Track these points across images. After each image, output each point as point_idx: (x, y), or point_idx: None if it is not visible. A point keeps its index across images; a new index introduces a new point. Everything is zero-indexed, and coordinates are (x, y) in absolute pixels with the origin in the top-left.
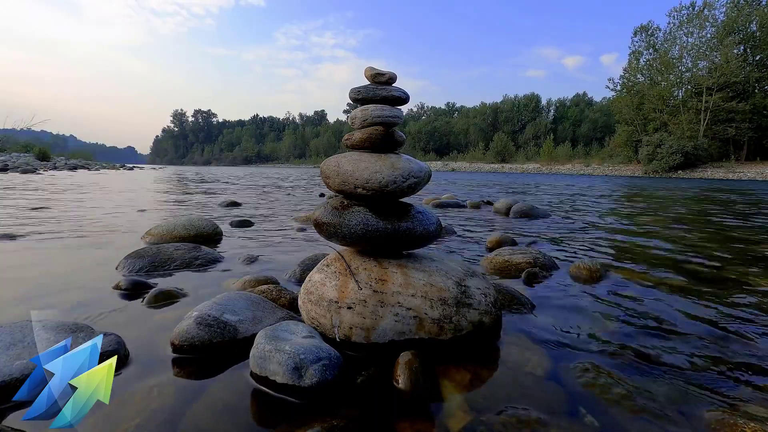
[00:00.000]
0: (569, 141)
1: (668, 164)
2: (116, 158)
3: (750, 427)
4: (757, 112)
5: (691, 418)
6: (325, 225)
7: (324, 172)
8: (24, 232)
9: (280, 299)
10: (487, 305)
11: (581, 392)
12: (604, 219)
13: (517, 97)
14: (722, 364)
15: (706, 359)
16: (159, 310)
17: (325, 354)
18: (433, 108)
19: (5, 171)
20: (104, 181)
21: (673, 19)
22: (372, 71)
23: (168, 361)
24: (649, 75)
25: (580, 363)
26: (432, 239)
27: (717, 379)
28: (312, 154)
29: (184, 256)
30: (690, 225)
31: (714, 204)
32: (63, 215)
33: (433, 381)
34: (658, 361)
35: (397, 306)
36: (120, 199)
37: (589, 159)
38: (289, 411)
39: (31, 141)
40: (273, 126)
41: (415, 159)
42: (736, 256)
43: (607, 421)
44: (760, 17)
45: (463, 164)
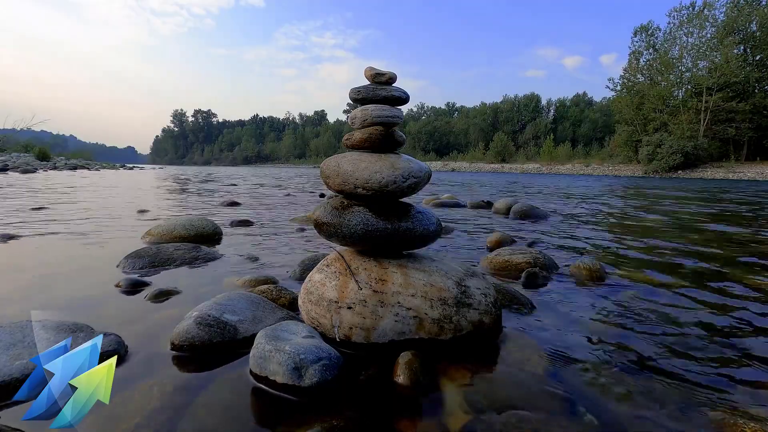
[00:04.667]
0: (569, 141)
1: (668, 164)
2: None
3: (750, 427)
4: (757, 112)
5: (691, 417)
6: (325, 225)
7: (324, 172)
8: (24, 232)
9: (280, 299)
10: (487, 305)
11: (581, 392)
12: (604, 219)
13: (517, 97)
14: (722, 364)
15: (706, 359)
16: (159, 310)
17: (325, 354)
18: (433, 108)
19: (5, 171)
20: (104, 181)
21: (673, 19)
22: (372, 71)
23: (168, 361)
24: (649, 75)
25: (580, 362)
26: (432, 239)
27: (717, 379)
28: (312, 154)
29: (184, 256)
30: (690, 225)
31: (714, 204)
32: (63, 215)
33: (433, 381)
34: (659, 361)
35: (397, 306)
36: (120, 199)
37: (589, 159)
38: (289, 411)
39: (31, 141)
40: (273, 126)
41: (415, 159)
42: (736, 257)
43: (607, 420)
44: (760, 17)
45: (463, 164)
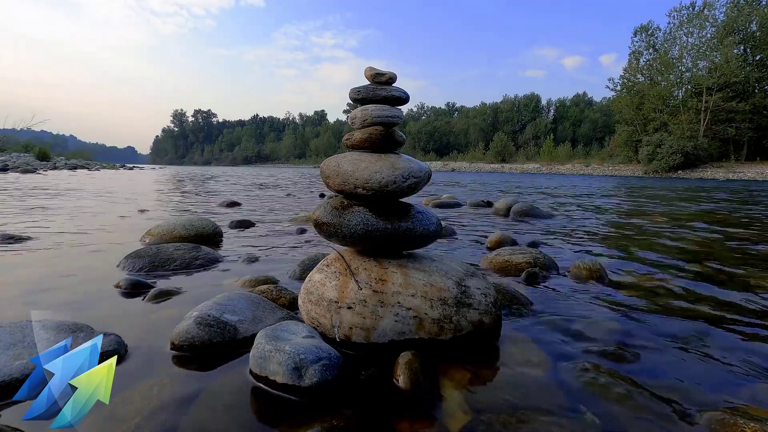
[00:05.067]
0: (569, 141)
1: (668, 164)
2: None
3: (750, 427)
4: (757, 112)
5: (691, 417)
6: (325, 225)
7: (324, 172)
8: (24, 233)
9: (280, 299)
10: (487, 305)
11: (582, 392)
12: (605, 219)
13: (517, 97)
14: (723, 364)
15: (707, 359)
16: (159, 310)
17: (325, 354)
18: (433, 108)
19: (5, 171)
20: (104, 181)
21: (673, 19)
22: (372, 71)
23: (168, 361)
24: (649, 75)
25: (580, 362)
26: (432, 239)
27: (717, 379)
28: (312, 154)
29: (184, 256)
30: (690, 225)
31: (714, 204)
32: (63, 215)
33: (433, 381)
34: (659, 361)
35: (397, 306)
36: (120, 199)
37: (589, 159)
38: (289, 411)
39: (31, 141)
40: (273, 126)
41: (415, 159)
42: (736, 256)
43: (608, 420)
44: (760, 17)
45: (463, 164)
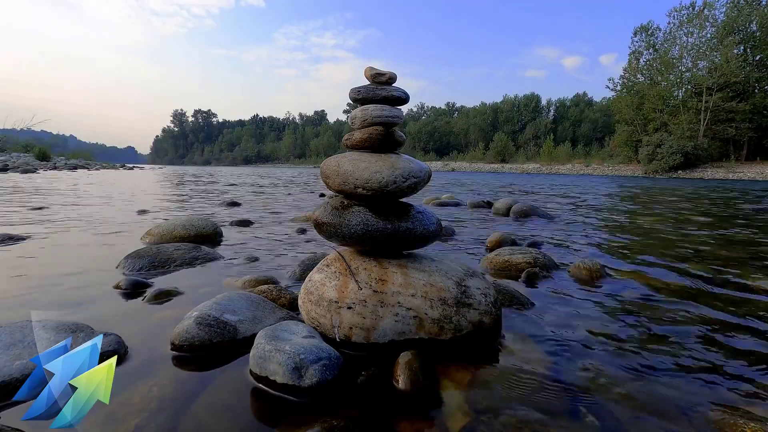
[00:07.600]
0: (569, 141)
1: (668, 164)
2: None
3: (750, 427)
4: (757, 112)
5: (691, 417)
6: (325, 225)
7: (324, 172)
8: (24, 232)
9: (280, 299)
10: (487, 305)
11: (581, 392)
12: (604, 219)
13: (517, 97)
14: (722, 364)
15: (706, 359)
16: (159, 310)
17: (325, 354)
18: (433, 108)
19: (5, 171)
20: (104, 181)
21: (673, 19)
22: (372, 71)
23: (168, 361)
24: (649, 75)
25: (580, 363)
26: (432, 239)
27: (717, 379)
28: (312, 154)
29: (184, 256)
30: (690, 225)
31: (714, 204)
32: (63, 215)
33: (433, 381)
34: (659, 361)
35: (397, 306)
36: (120, 199)
37: (589, 159)
38: (289, 411)
39: (31, 141)
40: (273, 126)
41: (415, 159)
42: (736, 257)
43: (607, 420)
44: (760, 17)
45: (463, 164)
